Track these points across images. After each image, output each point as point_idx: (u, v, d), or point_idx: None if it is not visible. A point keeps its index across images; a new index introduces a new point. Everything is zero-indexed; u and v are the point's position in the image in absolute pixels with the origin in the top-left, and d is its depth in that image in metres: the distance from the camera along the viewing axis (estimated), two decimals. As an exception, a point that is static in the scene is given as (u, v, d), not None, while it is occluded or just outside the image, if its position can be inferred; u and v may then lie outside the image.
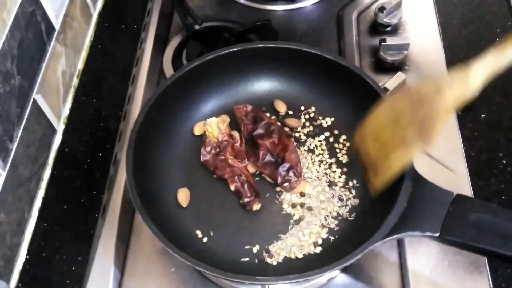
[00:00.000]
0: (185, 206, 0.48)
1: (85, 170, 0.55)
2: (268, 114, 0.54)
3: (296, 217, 0.47)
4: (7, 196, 0.48)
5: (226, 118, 0.51)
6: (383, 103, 0.42)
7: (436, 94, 0.37)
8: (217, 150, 0.49)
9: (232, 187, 0.48)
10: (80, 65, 0.65)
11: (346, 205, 0.48)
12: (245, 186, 0.47)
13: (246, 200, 0.47)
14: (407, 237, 0.46)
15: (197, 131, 0.52)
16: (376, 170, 0.41)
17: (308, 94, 0.54)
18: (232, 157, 0.48)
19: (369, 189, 0.42)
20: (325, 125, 0.53)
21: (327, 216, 0.47)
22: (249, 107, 0.51)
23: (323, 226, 0.46)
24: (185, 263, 0.40)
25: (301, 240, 0.46)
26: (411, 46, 0.59)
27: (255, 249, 0.45)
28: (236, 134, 0.51)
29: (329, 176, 0.49)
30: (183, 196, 0.48)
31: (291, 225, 0.47)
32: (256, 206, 0.47)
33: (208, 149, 0.49)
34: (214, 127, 0.50)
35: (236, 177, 0.48)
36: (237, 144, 0.50)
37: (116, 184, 0.51)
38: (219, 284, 0.47)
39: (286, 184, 0.47)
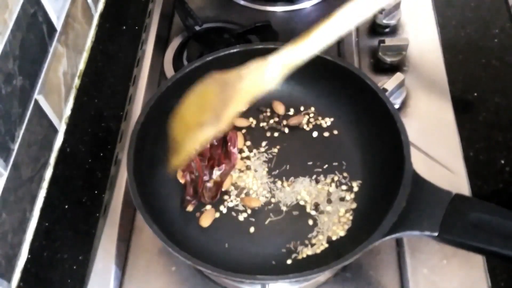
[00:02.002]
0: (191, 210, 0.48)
1: (86, 170, 0.55)
2: (268, 114, 0.54)
3: (297, 219, 0.47)
4: (9, 195, 0.48)
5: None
6: (195, 87, 0.42)
7: (236, 81, 0.39)
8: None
9: (182, 180, 0.47)
10: (81, 65, 0.65)
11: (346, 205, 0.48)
12: (191, 185, 0.47)
13: (187, 197, 0.46)
14: (406, 237, 0.46)
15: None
16: (175, 149, 0.41)
17: (307, 95, 0.54)
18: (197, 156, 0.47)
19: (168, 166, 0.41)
20: (324, 125, 0.53)
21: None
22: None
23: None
24: (186, 263, 0.40)
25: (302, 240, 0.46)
26: (410, 46, 0.59)
27: (255, 248, 0.46)
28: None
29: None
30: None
31: (292, 227, 0.47)
32: (189, 208, 0.46)
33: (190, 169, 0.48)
34: None
35: (188, 173, 0.47)
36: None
37: (117, 184, 0.52)
38: (220, 283, 0.47)
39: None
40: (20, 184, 0.50)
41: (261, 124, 0.53)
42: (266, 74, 0.38)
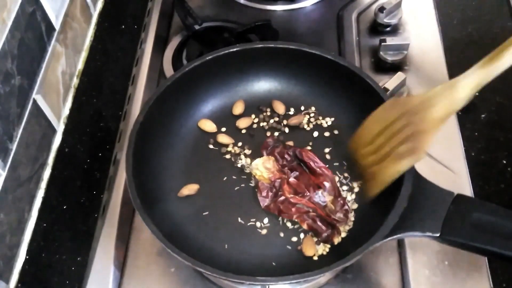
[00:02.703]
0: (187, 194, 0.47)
1: (85, 170, 0.55)
2: (268, 114, 0.53)
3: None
4: (7, 196, 0.48)
5: (270, 157, 0.48)
6: (375, 112, 0.43)
7: (427, 106, 0.39)
8: (274, 190, 0.46)
9: (305, 226, 0.44)
10: (80, 65, 0.65)
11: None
12: (318, 221, 0.44)
13: (324, 235, 0.44)
14: (407, 237, 0.46)
15: (208, 127, 0.52)
16: (370, 178, 0.42)
17: (308, 94, 0.54)
18: (292, 195, 0.45)
19: (364, 194, 0.43)
20: (325, 125, 0.53)
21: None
22: (269, 142, 0.49)
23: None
24: (185, 263, 0.40)
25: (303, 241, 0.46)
26: (411, 46, 0.59)
27: (256, 249, 0.45)
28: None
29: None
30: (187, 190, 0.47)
31: (292, 227, 0.47)
32: (337, 239, 0.44)
33: (264, 193, 0.46)
34: (262, 169, 0.46)
35: (305, 215, 0.44)
36: (292, 179, 0.46)
37: (116, 184, 0.51)
38: (219, 284, 0.47)
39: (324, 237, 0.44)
40: (18, 184, 0.50)
41: (261, 124, 0.53)
42: (457, 96, 0.38)
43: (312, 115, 0.53)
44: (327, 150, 0.51)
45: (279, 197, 0.46)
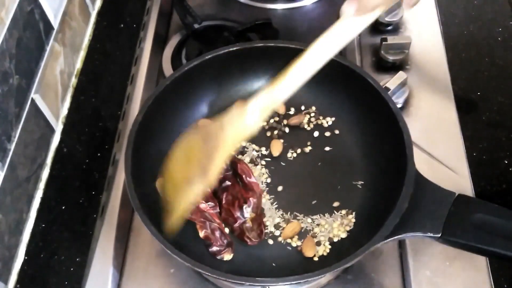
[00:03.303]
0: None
1: (83, 170, 0.55)
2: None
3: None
4: (5, 196, 0.48)
5: None
6: (180, 141, 0.42)
7: (218, 131, 0.39)
8: None
9: (202, 234, 0.44)
10: (78, 64, 0.64)
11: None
12: (216, 233, 0.44)
13: (215, 249, 0.43)
14: (408, 238, 0.45)
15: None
16: (170, 210, 0.41)
17: (308, 94, 0.53)
18: (203, 202, 0.44)
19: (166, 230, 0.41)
20: (325, 125, 0.53)
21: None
22: None
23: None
24: (184, 264, 0.39)
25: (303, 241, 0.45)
26: (412, 45, 0.59)
27: (255, 250, 0.45)
28: None
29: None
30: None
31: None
32: (227, 256, 0.44)
33: None
34: None
35: (207, 223, 0.44)
36: (208, 190, 0.45)
37: (114, 184, 0.51)
38: (219, 285, 0.47)
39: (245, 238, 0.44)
40: (16, 184, 0.50)
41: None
42: (246, 120, 0.38)
43: (312, 114, 0.53)
44: (327, 149, 0.51)
45: None
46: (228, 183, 0.47)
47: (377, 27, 0.63)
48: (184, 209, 0.40)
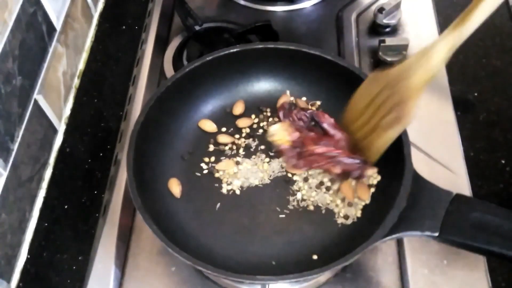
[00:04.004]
0: (178, 197, 0.47)
1: (86, 170, 0.55)
2: (269, 114, 0.54)
3: (297, 219, 0.47)
4: (8, 195, 0.48)
5: (284, 121, 0.49)
6: (359, 88, 0.45)
7: (405, 74, 0.40)
8: (297, 149, 0.47)
9: (338, 170, 0.45)
10: (81, 65, 0.65)
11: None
12: (348, 161, 0.45)
13: (356, 173, 0.44)
14: (406, 237, 0.46)
15: (208, 127, 0.52)
16: (365, 149, 0.45)
17: (308, 95, 0.54)
18: (316, 146, 0.46)
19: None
20: (325, 125, 0.53)
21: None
22: (285, 104, 0.50)
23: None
24: (186, 263, 0.40)
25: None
26: (410, 46, 0.59)
27: (256, 248, 0.46)
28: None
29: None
30: (175, 186, 0.48)
31: (292, 227, 0.47)
32: (371, 171, 0.45)
33: (290, 154, 0.46)
34: (282, 132, 0.47)
35: (334, 160, 0.45)
36: (311, 133, 0.47)
37: (117, 184, 0.51)
38: (220, 283, 0.47)
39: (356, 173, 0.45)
40: (19, 184, 0.50)
41: (262, 124, 0.53)
42: (432, 61, 0.39)
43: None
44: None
45: (305, 153, 0.46)
46: (312, 134, 0.48)
47: (375, 29, 0.63)
48: (384, 147, 0.43)
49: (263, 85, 0.55)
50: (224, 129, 0.53)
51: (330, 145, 0.46)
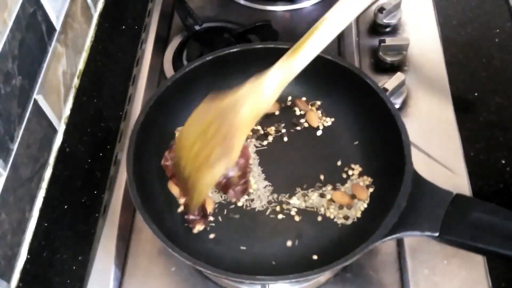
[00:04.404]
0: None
1: (85, 170, 0.55)
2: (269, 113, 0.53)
3: (297, 219, 0.47)
4: (8, 196, 0.48)
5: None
6: (193, 113, 0.41)
7: (234, 107, 0.37)
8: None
9: (181, 200, 0.45)
10: (81, 65, 0.65)
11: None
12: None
13: (191, 217, 0.44)
14: (406, 237, 0.46)
15: None
16: (189, 190, 0.40)
17: (307, 95, 0.54)
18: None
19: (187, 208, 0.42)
20: (324, 125, 0.53)
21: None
22: None
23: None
24: (186, 263, 0.40)
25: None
26: (410, 46, 0.59)
27: (255, 248, 0.45)
28: None
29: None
30: (175, 186, 0.47)
31: (291, 227, 0.47)
32: (199, 227, 0.45)
33: (172, 155, 0.46)
34: None
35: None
36: None
37: (116, 184, 0.51)
38: (220, 283, 0.47)
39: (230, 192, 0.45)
40: (19, 184, 0.50)
41: (257, 127, 0.53)
42: (263, 93, 0.37)
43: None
44: (326, 150, 0.51)
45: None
46: None
47: (376, 29, 0.63)
48: (207, 187, 0.39)
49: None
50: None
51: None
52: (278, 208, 0.47)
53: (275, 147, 0.51)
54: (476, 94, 0.59)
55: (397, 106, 0.56)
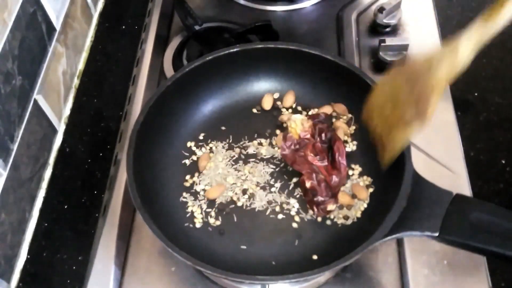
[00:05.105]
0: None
1: (85, 170, 0.55)
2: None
3: (297, 219, 0.47)
4: (8, 196, 0.48)
5: (309, 120, 0.49)
6: (382, 80, 0.44)
7: (428, 69, 0.38)
8: (297, 146, 0.48)
9: (308, 184, 0.46)
10: (80, 65, 0.65)
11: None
12: (322, 185, 0.45)
13: (320, 198, 0.45)
14: (406, 237, 0.46)
15: (266, 104, 0.53)
16: (383, 146, 0.43)
17: (308, 95, 0.54)
18: (312, 155, 0.47)
19: (380, 164, 0.44)
20: (325, 125, 0.53)
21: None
22: (321, 115, 0.50)
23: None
24: (186, 263, 0.40)
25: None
26: (410, 46, 0.59)
27: (255, 248, 0.46)
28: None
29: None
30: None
31: (291, 227, 0.47)
32: (331, 206, 0.45)
33: (288, 143, 0.48)
34: (299, 124, 0.48)
35: (314, 175, 0.46)
36: (319, 144, 0.47)
37: (116, 184, 0.51)
38: (220, 283, 0.47)
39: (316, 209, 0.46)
40: (19, 184, 0.50)
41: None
42: (459, 55, 0.37)
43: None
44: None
45: (299, 152, 0.47)
46: (319, 155, 0.48)
47: (376, 29, 0.63)
48: (398, 147, 0.41)
49: (263, 85, 0.55)
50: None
51: (324, 162, 0.46)
52: (278, 208, 0.48)
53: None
54: (476, 94, 0.59)
55: (397, 106, 0.55)
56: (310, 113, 0.53)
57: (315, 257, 0.44)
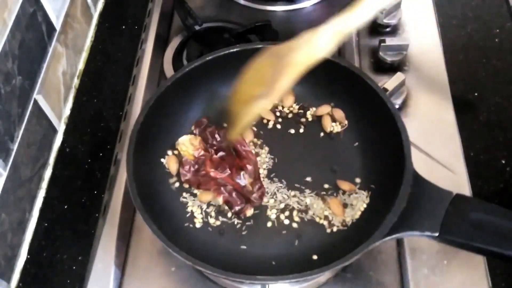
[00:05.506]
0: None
1: (85, 170, 0.55)
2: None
3: (297, 219, 0.47)
4: (8, 196, 0.48)
5: (196, 136, 0.50)
6: (251, 62, 0.43)
7: (288, 53, 0.40)
8: (196, 166, 0.48)
9: (220, 200, 0.46)
10: (80, 65, 0.65)
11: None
12: (233, 194, 0.46)
13: (237, 208, 0.46)
14: (406, 237, 0.46)
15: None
16: (232, 122, 0.43)
17: (307, 95, 0.54)
18: (213, 170, 0.47)
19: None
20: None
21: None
22: (204, 121, 0.51)
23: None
24: (186, 263, 0.40)
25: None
26: (410, 46, 0.59)
27: (255, 248, 0.46)
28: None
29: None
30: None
31: (291, 227, 0.47)
32: (249, 212, 0.46)
33: (187, 168, 0.48)
34: (188, 145, 0.49)
35: (222, 188, 0.46)
36: (215, 156, 0.48)
37: (116, 184, 0.51)
38: (220, 283, 0.47)
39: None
40: (19, 184, 0.50)
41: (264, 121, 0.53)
42: (318, 43, 0.38)
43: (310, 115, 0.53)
44: (326, 150, 0.51)
45: (201, 172, 0.48)
46: (223, 153, 0.48)
47: (376, 29, 0.63)
48: (246, 122, 0.41)
49: (263, 85, 0.55)
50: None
51: (226, 172, 0.47)
52: (278, 208, 0.48)
53: (274, 146, 0.51)
54: (476, 94, 0.59)
55: (397, 106, 0.56)
56: (308, 113, 0.53)
57: (315, 257, 0.44)
